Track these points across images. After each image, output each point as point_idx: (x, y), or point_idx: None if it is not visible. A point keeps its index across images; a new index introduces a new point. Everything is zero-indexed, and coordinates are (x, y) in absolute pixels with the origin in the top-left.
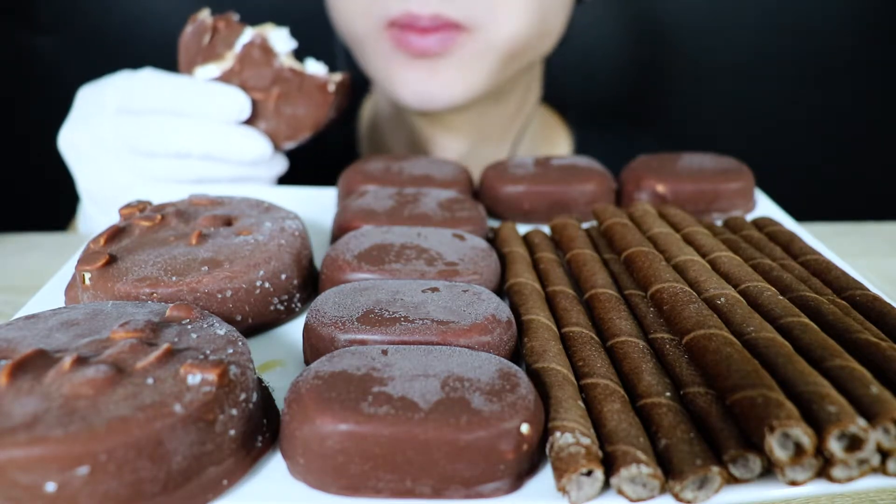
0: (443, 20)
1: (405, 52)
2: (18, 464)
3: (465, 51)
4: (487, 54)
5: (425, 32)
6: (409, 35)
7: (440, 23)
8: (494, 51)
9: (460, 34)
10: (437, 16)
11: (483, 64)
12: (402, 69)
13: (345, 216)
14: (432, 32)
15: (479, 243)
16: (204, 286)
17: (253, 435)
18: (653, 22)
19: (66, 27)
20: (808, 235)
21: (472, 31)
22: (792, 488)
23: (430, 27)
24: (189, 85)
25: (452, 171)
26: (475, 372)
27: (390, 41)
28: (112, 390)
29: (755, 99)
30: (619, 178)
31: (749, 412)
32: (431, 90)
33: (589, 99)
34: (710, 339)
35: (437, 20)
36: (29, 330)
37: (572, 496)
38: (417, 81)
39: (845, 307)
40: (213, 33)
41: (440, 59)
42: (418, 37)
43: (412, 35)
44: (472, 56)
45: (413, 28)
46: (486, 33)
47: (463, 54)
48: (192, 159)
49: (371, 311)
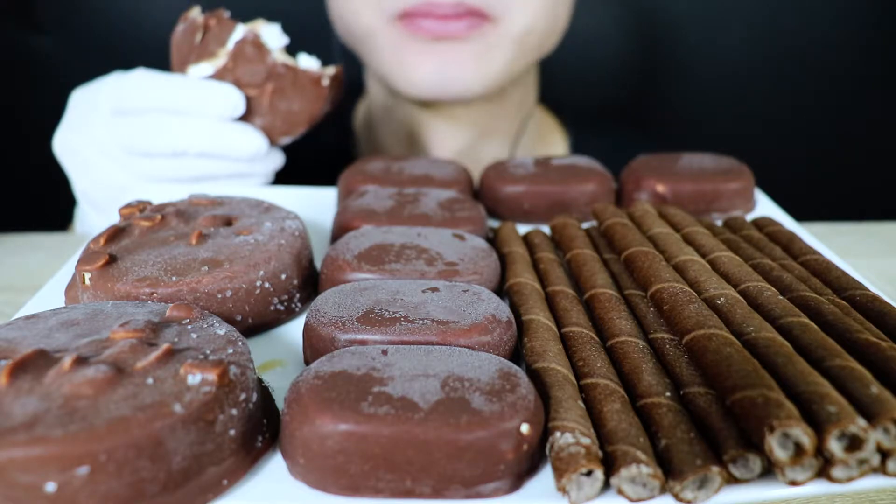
0: (465, 7)
1: (422, 36)
2: (18, 464)
3: (484, 39)
4: (503, 44)
5: (446, 19)
6: (427, 21)
7: (462, 10)
8: (511, 42)
9: (483, 22)
10: (460, 3)
11: (499, 53)
12: (416, 56)
13: (345, 216)
14: (454, 19)
15: (479, 243)
16: (204, 286)
17: (253, 435)
18: (650, 22)
19: (66, 27)
20: (808, 235)
21: (493, 19)
22: (792, 488)
23: (451, 14)
24: (182, 83)
25: (452, 171)
26: (475, 372)
27: (403, 30)
28: (112, 390)
29: (754, 99)
30: (619, 178)
31: (749, 412)
32: (447, 76)
33: (586, 100)
34: (710, 339)
35: (459, 7)
36: (29, 330)
37: (572, 496)
38: (432, 67)
39: (845, 307)
40: (204, 31)
41: (459, 44)
42: (437, 22)
43: (430, 21)
44: (490, 44)
45: (431, 15)
46: (505, 23)
47: (482, 42)
48: (189, 158)
49: (371, 311)
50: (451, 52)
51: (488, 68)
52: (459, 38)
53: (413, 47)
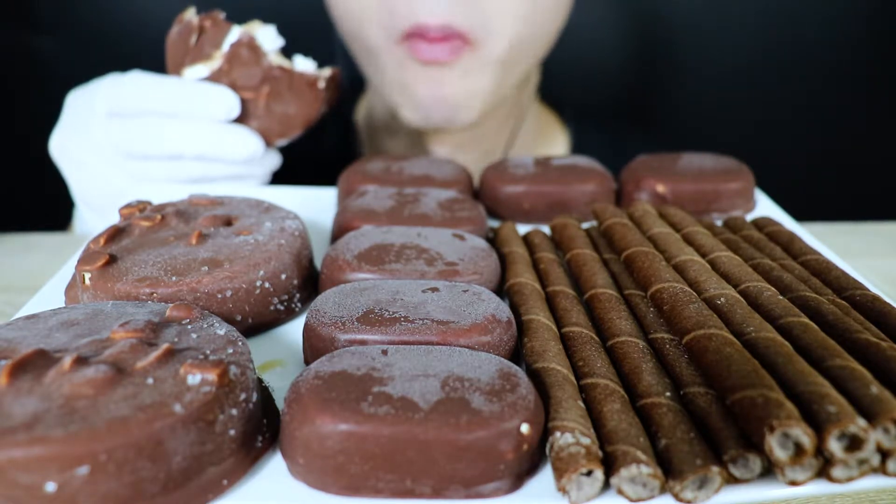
0: (451, 30)
1: (418, 58)
2: (18, 464)
3: (467, 64)
4: (487, 69)
5: (434, 42)
6: (420, 43)
7: (448, 32)
8: (494, 64)
9: (465, 46)
10: (446, 26)
11: (483, 78)
12: (414, 77)
13: (345, 216)
14: (440, 42)
15: (479, 243)
16: (204, 286)
17: (253, 435)
18: (651, 20)
19: (66, 27)
20: (808, 235)
21: (474, 44)
22: (792, 488)
23: (439, 37)
24: (178, 86)
25: (452, 171)
26: (475, 372)
27: (405, 52)
28: (112, 390)
29: (754, 99)
30: (619, 178)
31: (749, 412)
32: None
33: (586, 97)
34: (710, 339)
35: (446, 30)
36: (29, 330)
37: (572, 496)
38: (426, 90)
39: (845, 307)
40: (199, 33)
41: (447, 69)
42: (428, 45)
43: (422, 43)
44: (472, 70)
45: (423, 37)
46: (486, 47)
47: (464, 68)
48: (185, 160)
49: (371, 311)
50: (439, 76)
51: (475, 91)
52: (445, 62)
53: (412, 69)
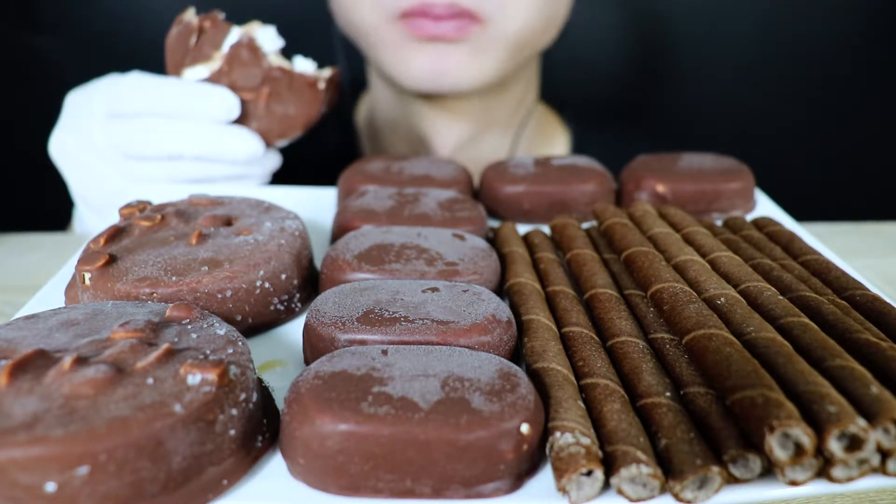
0: (458, 8)
1: (418, 36)
2: (18, 464)
3: (477, 40)
4: (497, 45)
5: (440, 19)
6: (422, 21)
7: (456, 11)
8: (504, 42)
9: (474, 24)
10: (453, 4)
11: (492, 54)
12: (413, 54)
13: (345, 216)
14: (447, 20)
15: (479, 243)
16: (204, 286)
17: (253, 435)
18: (651, 21)
19: (66, 27)
20: (808, 235)
21: (485, 22)
22: (792, 488)
23: (445, 14)
24: (177, 87)
25: (452, 171)
26: (475, 372)
27: (403, 29)
28: (112, 390)
29: (754, 99)
30: (619, 178)
31: (749, 412)
32: (441, 71)
33: (587, 97)
34: (710, 339)
35: (453, 8)
36: (29, 330)
37: (572, 496)
38: (428, 64)
39: (845, 307)
40: (199, 34)
41: (453, 44)
42: (432, 22)
43: (425, 21)
44: (482, 46)
45: (427, 15)
46: (497, 24)
47: (474, 43)
48: (185, 161)
49: (371, 311)
50: (444, 51)
51: (480, 67)
52: (452, 39)
53: (410, 45)
